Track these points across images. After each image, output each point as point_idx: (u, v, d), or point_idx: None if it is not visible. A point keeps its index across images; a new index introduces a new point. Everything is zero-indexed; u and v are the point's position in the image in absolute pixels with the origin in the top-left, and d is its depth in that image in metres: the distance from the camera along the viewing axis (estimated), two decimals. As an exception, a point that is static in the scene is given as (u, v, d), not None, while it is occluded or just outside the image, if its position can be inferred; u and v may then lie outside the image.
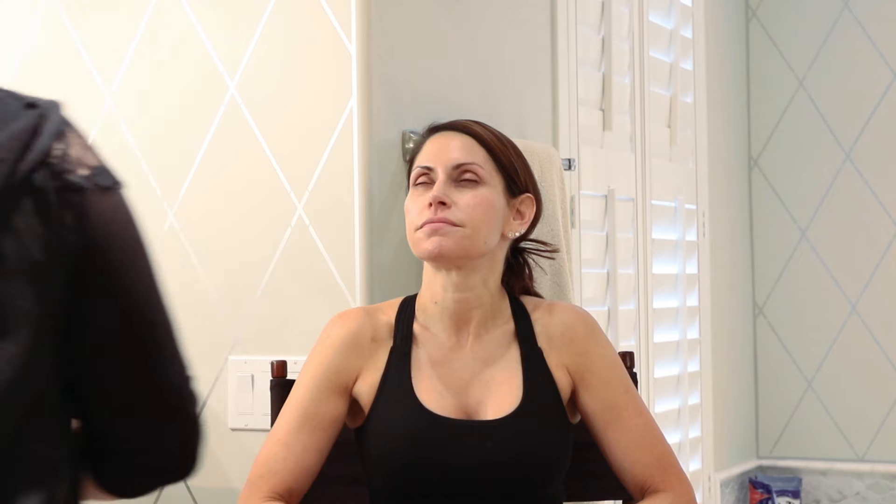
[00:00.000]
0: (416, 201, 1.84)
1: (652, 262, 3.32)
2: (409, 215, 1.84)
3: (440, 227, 1.79)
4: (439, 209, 1.80)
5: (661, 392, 3.33)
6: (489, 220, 1.82)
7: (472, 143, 1.86)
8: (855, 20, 4.02)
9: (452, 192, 1.82)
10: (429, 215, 1.80)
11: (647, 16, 3.34)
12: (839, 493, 3.99)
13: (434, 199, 1.80)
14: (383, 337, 1.87)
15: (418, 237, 1.81)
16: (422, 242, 1.81)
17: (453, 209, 1.80)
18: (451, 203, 1.80)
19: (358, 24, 2.25)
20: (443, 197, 1.80)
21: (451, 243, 1.79)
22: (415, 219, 1.83)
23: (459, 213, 1.80)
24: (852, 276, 4.01)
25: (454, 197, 1.81)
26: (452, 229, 1.79)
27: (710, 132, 3.80)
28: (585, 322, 1.89)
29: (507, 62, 2.69)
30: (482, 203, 1.82)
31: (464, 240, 1.80)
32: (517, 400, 1.81)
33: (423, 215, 1.81)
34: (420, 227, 1.81)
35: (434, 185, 1.83)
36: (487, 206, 1.82)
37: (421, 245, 1.81)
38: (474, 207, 1.81)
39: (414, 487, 1.79)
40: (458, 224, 1.80)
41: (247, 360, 2.32)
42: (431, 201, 1.80)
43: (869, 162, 3.99)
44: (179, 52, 2.39)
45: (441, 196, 1.80)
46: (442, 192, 1.81)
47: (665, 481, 1.83)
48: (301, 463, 1.81)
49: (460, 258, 1.81)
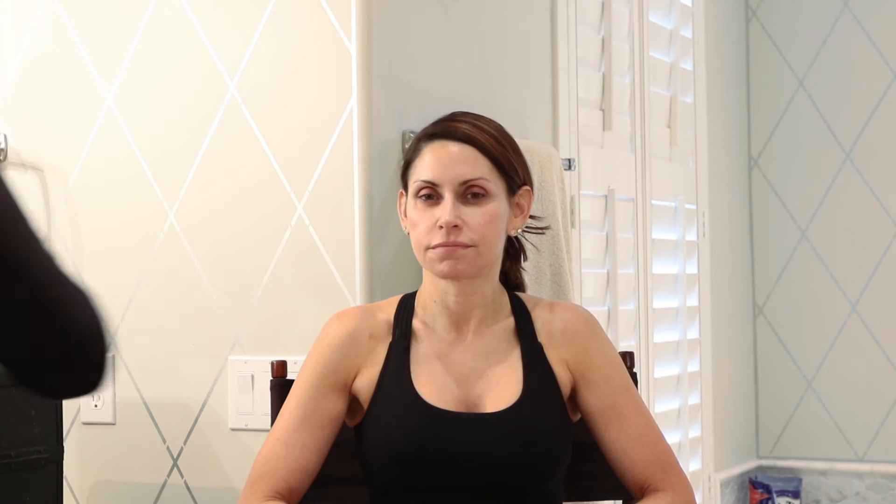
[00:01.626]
0: (423, 217, 1.82)
1: (652, 262, 3.32)
2: (417, 230, 1.82)
3: (454, 251, 1.79)
4: (452, 233, 1.79)
5: (661, 392, 3.33)
6: (498, 234, 1.83)
7: (474, 153, 1.84)
8: (855, 20, 4.02)
9: (461, 211, 1.80)
10: (440, 237, 1.79)
11: (647, 16, 3.34)
12: (839, 493, 3.99)
13: (447, 225, 1.79)
14: (382, 334, 1.87)
15: (430, 258, 1.81)
16: (435, 264, 1.80)
17: (465, 230, 1.79)
18: (462, 224, 1.80)
19: (358, 24, 2.25)
20: (455, 220, 1.79)
21: (466, 265, 1.80)
22: (424, 238, 1.81)
23: (471, 233, 1.80)
24: (852, 276, 4.01)
25: (464, 216, 1.80)
26: (466, 252, 1.79)
27: (710, 132, 3.80)
28: (586, 321, 1.90)
29: (507, 62, 2.69)
30: (491, 220, 1.82)
31: (477, 259, 1.80)
32: (517, 393, 1.82)
33: (433, 235, 1.80)
34: (432, 247, 1.80)
35: (440, 202, 1.81)
36: (496, 221, 1.82)
37: (434, 267, 1.81)
38: (485, 226, 1.81)
39: (413, 481, 1.79)
40: (471, 244, 1.80)
41: (247, 360, 2.32)
42: (443, 225, 1.79)
43: (869, 162, 3.99)
44: (179, 52, 2.39)
45: (454, 220, 1.79)
46: (453, 215, 1.79)
47: (665, 481, 1.84)
48: (301, 462, 1.81)
49: (474, 275, 1.82)
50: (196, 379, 2.36)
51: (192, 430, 2.36)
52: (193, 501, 2.35)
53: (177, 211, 2.37)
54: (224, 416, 2.34)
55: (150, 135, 2.43)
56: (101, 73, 2.46)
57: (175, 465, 2.37)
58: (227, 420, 2.34)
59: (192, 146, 2.38)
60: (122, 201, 2.44)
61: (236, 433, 2.33)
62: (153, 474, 2.38)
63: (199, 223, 2.37)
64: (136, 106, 2.44)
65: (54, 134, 2.49)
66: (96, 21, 2.47)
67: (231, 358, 2.33)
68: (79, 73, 2.47)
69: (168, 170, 2.40)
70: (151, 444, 2.39)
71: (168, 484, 2.38)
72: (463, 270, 1.80)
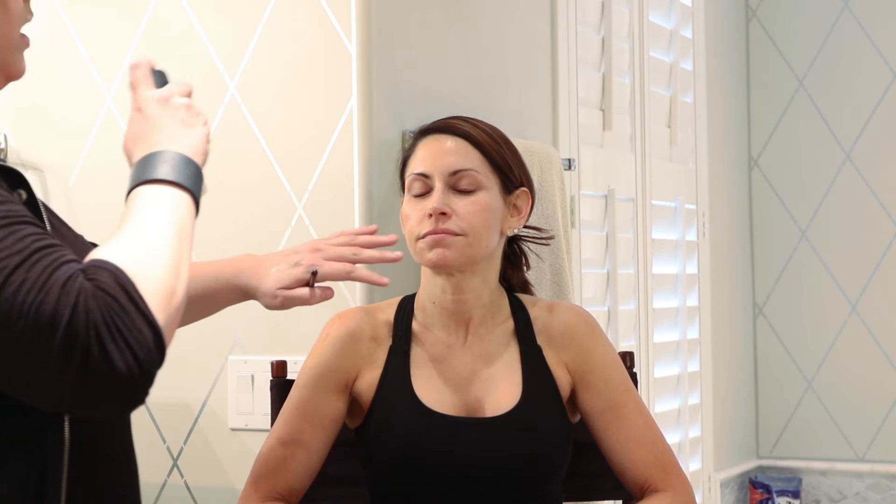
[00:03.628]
0: (414, 209, 1.84)
1: (652, 262, 3.32)
2: (408, 222, 1.84)
3: (442, 238, 1.80)
4: (440, 220, 1.80)
5: (661, 392, 3.33)
6: (489, 224, 1.83)
7: (466, 146, 1.85)
8: (855, 20, 4.02)
9: (451, 200, 1.81)
10: (429, 226, 1.80)
11: (647, 16, 3.34)
12: (839, 493, 3.99)
13: (435, 211, 1.80)
14: (382, 336, 1.87)
15: (420, 247, 1.82)
16: (424, 253, 1.81)
17: (454, 218, 1.80)
18: (450, 212, 1.80)
19: (358, 24, 2.25)
20: (443, 207, 1.80)
21: (455, 253, 1.80)
22: (415, 228, 1.83)
23: (460, 221, 1.80)
24: (852, 276, 4.01)
25: (453, 205, 1.81)
26: (454, 239, 1.80)
27: (710, 132, 3.80)
28: (586, 321, 1.90)
29: (507, 62, 2.69)
30: (482, 210, 1.82)
31: (466, 248, 1.80)
32: (517, 397, 1.82)
33: (423, 225, 1.81)
34: (422, 237, 1.81)
35: (432, 193, 1.82)
36: (487, 212, 1.82)
37: (424, 255, 1.81)
38: (474, 215, 1.81)
39: (414, 484, 1.79)
40: (460, 233, 1.80)
41: (247, 360, 2.32)
42: (431, 212, 1.80)
43: (869, 162, 3.99)
44: (179, 52, 2.39)
45: (441, 207, 1.80)
46: (442, 202, 1.80)
47: (665, 481, 1.84)
48: (301, 462, 1.81)
49: (463, 265, 1.82)
50: (196, 379, 2.35)
51: (192, 430, 2.36)
52: (193, 501, 2.35)
53: (177, 211, 2.37)
54: (224, 416, 2.34)
55: (150, 135, 2.42)
56: (101, 73, 2.46)
57: (175, 465, 2.37)
58: (227, 420, 2.34)
59: (192, 146, 2.37)
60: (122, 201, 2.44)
61: (236, 433, 2.33)
62: (153, 474, 2.38)
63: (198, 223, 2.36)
64: (136, 106, 2.44)
65: (54, 134, 2.49)
66: (96, 21, 2.47)
67: (231, 358, 2.33)
68: (79, 73, 2.47)
69: (168, 170, 2.40)
70: (151, 443, 2.39)
71: (168, 484, 2.38)
72: (452, 259, 1.79)
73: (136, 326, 1.11)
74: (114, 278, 1.13)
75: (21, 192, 1.33)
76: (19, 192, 1.33)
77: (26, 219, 1.18)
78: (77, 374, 1.08)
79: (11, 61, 1.35)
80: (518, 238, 1.97)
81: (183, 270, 1.22)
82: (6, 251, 1.12)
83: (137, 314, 1.12)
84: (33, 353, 1.08)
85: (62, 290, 1.09)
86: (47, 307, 1.08)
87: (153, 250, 1.20)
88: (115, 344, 1.09)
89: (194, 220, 1.32)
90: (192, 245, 1.30)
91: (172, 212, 1.26)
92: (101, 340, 1.08)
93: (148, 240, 1.21)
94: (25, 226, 1.16)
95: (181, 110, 1.41)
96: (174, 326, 1.20)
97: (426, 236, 1.80)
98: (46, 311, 1.08)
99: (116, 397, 1.12)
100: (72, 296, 1.09)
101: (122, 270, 1.14)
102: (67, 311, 1.08)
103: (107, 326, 1.09)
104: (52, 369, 1.08)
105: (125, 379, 1.10)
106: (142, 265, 1.17)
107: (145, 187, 1.29)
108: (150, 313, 1.13)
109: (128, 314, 1.11)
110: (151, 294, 1.14)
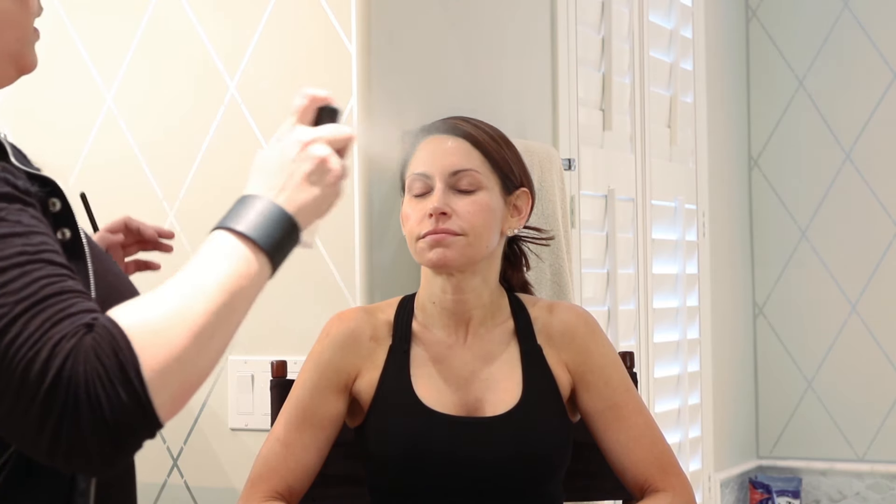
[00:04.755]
0: (415, 209, 1.84)
1: (652, 262, 3.32)
2: (409, 222, 1.84)
3: (443, 238, 1.80)
4: (440, 220, 1.80)
5: (661, 392, 3.33)
6: (489, 224, 1.83)
7: (466, 146, 1.85)
8: (855, 20, 4.02)
9: (451, 200, 1.82)
10: (430, 226, 1.80)
11: (647, 16, 3.34)
12: (839, 493, 3.99)
13: (435, 211, 1.80)
14: (382, 336, 1.87)
15: (421, 247, 1.82)
16: (425, 253, 1.81)
17: (454, 218, 1.80)
18: (451, 212, 1.80)
19: (358, 24, 2.25)
20: (444, 207, 1.80)
21: (455, 253, 1.80)
22: (415, 228, 1.82)
23: (460, 221, 1.80)
24: (852, 276, 4.01)
25: (453, 205, 1.81)
26: (455, 239, 1.80)
27: (710, 132, 3.80)
28: (586, 321, 1.90)
29: (507, 62, 2.69)
30: (482, 210, 1.82)
31: (466, 248, 1.80)
32: (517, 396, 1.82)
33: (423, 225, 1.81)
34: (422, 236, 1.81)
35: (432, 193, 1.82)
36: (487, 212, 1.82)
37: (424, 255, 1.81)
38: (474, 214, 1.81)
39: (414, 484, 1.80)
40: (460, 233, 1.80)
41: (247, 360, 2.32)
42: (432, 212, 1.80)
43: (869, 162, 3.99)
44: (179, 52, 2.39)
45: (442, 207, 1.80)
46: (442, 202, 1.80)
47: (665, 481, 1.84)
48: (301, 462, 1.81)
49: (463, 265, 1.82)
50: None
51: (192, 430, 2.36)
52: (193, 501, 2.35)
53: (177, 211, 2.37)
54: (224, 416, 2.34)
55: (150, 135, 2.43)
56: (101, 74, 2.46)
57: (175, 465, 2.37)
58: (227, 420, 2.34)
59: (192, 146, 2.37)
60: (122, 201, 2.44)
61: (236, 433, 2.33)
62: (153, 474, 2.38)
63: (199, 223, 2.36)
64: (136, 106, 2.44)
65: (54, 134, 2.49)
66: (96, 22, 2.47)
67: (231, 358, 2.33)
68: (79, 74, 2.47)
69: (168, 170, 2.40)
70: (151, 443, 2.38)
71: (168, 484, 2.38)
72: (452, 259, 1.80)
73: (119, 400, 1.05)
74: (112, 344, 1.06)
75: (65, 230, 1.25)
76: (63, 230, 1.25)
77: (45, 255, 1.11)
78: (51, 436, 1.05)
79: (26, 54, 1.35)
80: (518, 238, 1.97)
81: (214, 340, 1.12)
82: (13, 296, 1.07)
83: (123, 387, 1.05)
84: (18, 408, 1.05)
85: (53, 349, 1.05)
86: (35, 365, 1.04)
87: (183, 316, 1.09)
88: (92, 415, 1.05)
89: (260, 285, 1.20)
90: (246, 312, 1.18)
91: (229, 275, 1.15)
92: (78, 409, 1.04)
93: (183, 302, 1.10)
94: (43, 265, 1.10)
95: (312, 162, 1.25)
96: (185, 397, 1.13)
97: (426, 236, 1.80)
98: (34, 369, 1.04)
99: (86, 466, 1.08)
100: (60, 357, 1.04)
101: (127, 336, 1.06)
102: (51, 374, 1.04)
103: (87, 396, 1.04)
104: (32, 426, 1.05)
105: (95, 451, 1.06)
106: (158, 332, 1.07)
107: (222, 233, 1.17)
108: (139, 388, 1.06)
109: (113, 385, 1.05)
110: (156, 365, 1.07)
